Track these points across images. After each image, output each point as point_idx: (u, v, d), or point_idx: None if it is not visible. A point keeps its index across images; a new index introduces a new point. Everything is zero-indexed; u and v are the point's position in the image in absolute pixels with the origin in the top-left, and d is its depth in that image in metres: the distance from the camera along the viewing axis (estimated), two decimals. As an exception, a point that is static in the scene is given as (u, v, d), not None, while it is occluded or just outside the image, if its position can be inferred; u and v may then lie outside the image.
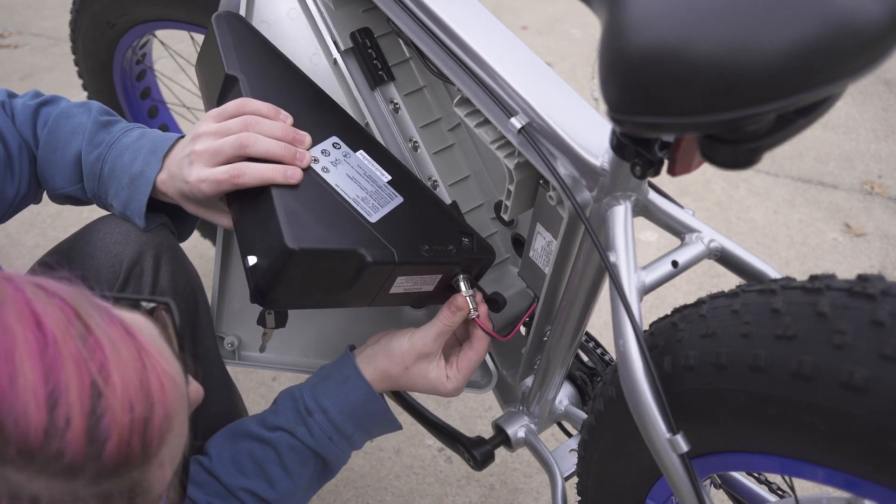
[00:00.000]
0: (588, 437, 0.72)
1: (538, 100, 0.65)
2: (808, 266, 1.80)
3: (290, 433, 0.76)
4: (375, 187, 0.74)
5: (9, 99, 0.82)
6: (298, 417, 0.76)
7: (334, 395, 0.77)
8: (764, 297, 0.53)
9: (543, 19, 3.05)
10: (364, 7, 0.86)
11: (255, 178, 0.68)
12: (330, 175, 0.72)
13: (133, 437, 0.36)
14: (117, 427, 0.35)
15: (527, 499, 1.31)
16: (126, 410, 0.36)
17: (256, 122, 0.71)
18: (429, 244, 0.74)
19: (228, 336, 0.89)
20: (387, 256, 0.69)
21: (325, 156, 0.74)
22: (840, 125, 2.35)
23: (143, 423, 0.37)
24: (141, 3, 1.23)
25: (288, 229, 0.64)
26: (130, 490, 0.37)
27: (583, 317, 0.74)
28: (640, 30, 0.44)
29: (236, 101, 0.72)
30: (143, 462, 0.37)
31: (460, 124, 0.90)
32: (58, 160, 0.79)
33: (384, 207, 0.73)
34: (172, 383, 0.40)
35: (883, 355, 0.45)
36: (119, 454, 0.35)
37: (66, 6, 1.56)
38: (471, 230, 0.79)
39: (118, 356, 0.37)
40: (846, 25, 0.40)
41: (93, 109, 0.81)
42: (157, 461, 0.38)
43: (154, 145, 0.77)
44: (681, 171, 0.54)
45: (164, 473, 0.39)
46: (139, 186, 0.76)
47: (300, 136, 0.72)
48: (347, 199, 0.71)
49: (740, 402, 0.53)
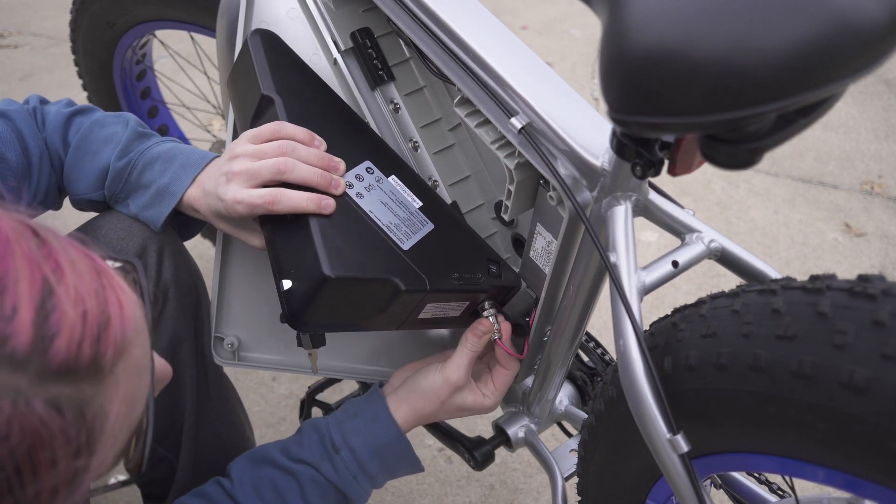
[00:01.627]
0: (588, 437, 0.72)
1: (538, 100, 0.65)
2: (808, 266, 1.80)
3: (315, 468, 0.76)
4: (407, 214, 0.75)
5: (41, 105, 0.82)
6: (324, 453, 0.76)
7: (362, 434, 0.77)
8: (764, 297, 0.53)
9: (543, 19, 3.04)
10: (364, 7, 0.86)
11: (290, 206, 0.69)
12: (364, 201, 0.73)
13: (84, 341, 0.35)
14: (68, 325, 0.35)
15: (527, 499, 1.31)
16: (78, 311, 0.35)
17: (293, 149, 0.71)
18: (458, 272, 0.75)
19: (228, 337, 0.89)
20: (419, 285, 0.70)
21: (359, 181, 0.74)
22: (840, 125, 2.35)
23: (97, 330, 0.36)
24: (141, 3, 1.22)
25: (325, 256, 0.65)
26: (82, 403, 0.36)
27: (583, 317, 0.74)
28: (640, 30, 0.44)
29: (272, 124, 0.73)
30: (95, 376, 0.36)
31: (460, 124, 0.90)
32: (86, 165, 0.79)
33: (416, 234, 0.74)
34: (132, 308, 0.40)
35: (883, 355, 0.45)
36: (68, 354, 0.35)
37: (66, 6, 1.56)
38: (498, 257, 0.80)
39: (73, 266, 0.37)
40: (847, 25, 0.40)
41: (130, 121, 0.81)
42: (112, 381, 0.37)
43: (187, 160, 0.77)
44: (681, 171, 0.54)
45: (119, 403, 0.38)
46: (164, 199, 0.77)
47: (335, 164, 0.73)
48: (381, 226, 0.72)
49: (741, 402, 0.53)
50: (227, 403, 0.95)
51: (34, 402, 0.33)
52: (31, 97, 0.82)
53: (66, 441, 0.35)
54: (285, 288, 0.66)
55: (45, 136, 0.80)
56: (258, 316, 0.89)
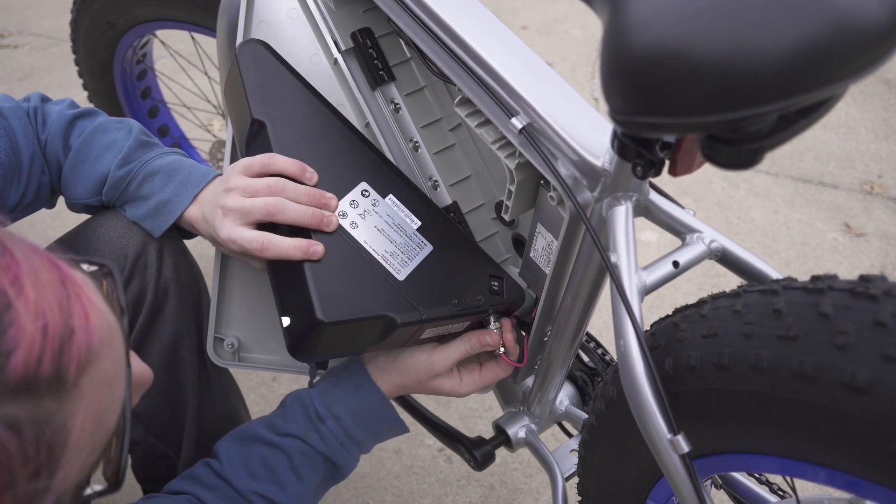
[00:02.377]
0: (589, 437, 0.72)
1: (539, 100, 0.65)
2: (809, 266, 1.80)
3: (302, 439, 0.76)
4: (405, 238, 0.75)
5: (42, 104, 0.81)
6: (310, 423, 0.76)
7: (346, 403, 0.77)
8: (766, 297, 0.53)
9: (543, 19, 3.04)
10: (365, 7, 0.86)
11: (278, 254, 0.70)
12: (359, 231, 0.73)
13: (45, 355, 0.34)
14: (26, 340, 0.33)
15: (527, 499, 1.31)
16: (38, 325, 0.34)
17: (283, 189, 0.72)
18: (457, 297, 0.75)
19: (228, 337, 0.88)
20: (415, 316, 0.71)
21: (354, 208, 0.74)
22: (840, 125, 2.34)
23: (59, 343, 0.35)
24: (141, 3, 1.22)
25: (318, 301, 0.67)
26: (42, 420, 0.34)
27: (583, 317, 0.74)
28: (641, 30, 0.44)
29: (264, 157, 0.74)
30: (57, 391, 0.35)
31: (461, 124, 0.90)
32: (86, 171, 0.79)
33: (413, 261, 0.74)
34: (100, 318, 0.38)
35: (885, 356, 0.45)
36: (27, 370, 0.33)
37: (66, 6, 1.56)
38: (501, 272, 0.80)
39: (35, 275, 0.35)
40: (848, 26, 0.40)
41: (133, 129, 0.81)
42: (76, 395, 0.36)
43: (188, 177, 0.78)
44: (682, 171, 0.54)
45: (84, 418, 0.37)
46: (163, 214, 0.78)
47: (326, 200, 0.73)
48: (376, 257, 0.72)
49: (742, 402, 0.53)
50: (228, 400, 0.95)
51: None
52: (33, 95, 0.82)
53: (24, 461, 0.34)
54: (285, 325, 0.69)
55: (45, 136, 0.80)
56: (258, 316, 0.89)
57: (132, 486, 1.30)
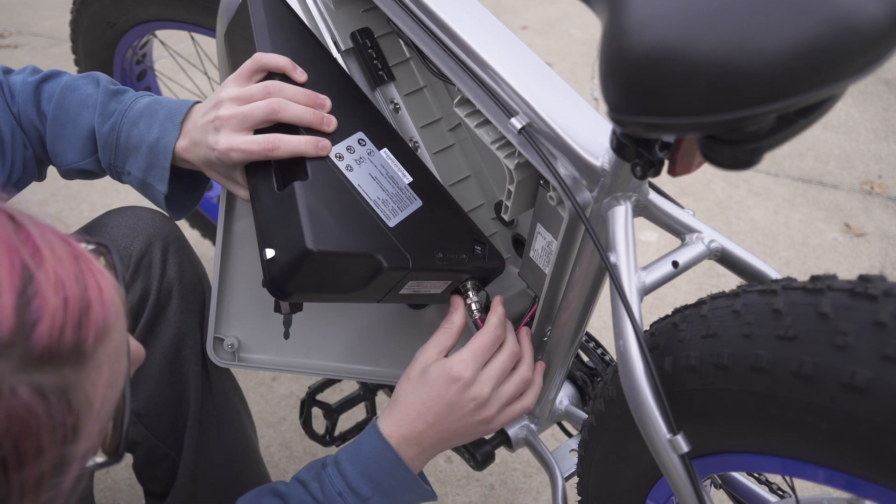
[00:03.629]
0: (588, 437, 0.72)
1: (538, 100, 0.65)
2: (808, 266, 1.80)
3: (304, 486, 0.71)
4: (396, 189, 0.75)
5: (4, 76, 0.79)
6: (315, 472, 0.72)
7: (348, 448, 0.72)
8: (765, 297, 0.53)
9: (543, 19, 3.04)
10: (364, 7, 0.86)
11: (290, 150, 0.68)
12: (353, 174, 0.73)
13: (66, 326, 0.35)
14: (49, 311, 0.34)
15: (527, 499, 1.31)
16: (60, 297, 0.35)
17: (280, 89, 0.71)
18: (443, 252, 0.74)
19: (228, 337, 0.88)
20: (402, 262, 0.70)
21: (350, 153, 0.74)
22: (840, 125, 2.34)
23: (78, 315, 0.36)
24: (141, 3, 1.22)
25: (309, 229, 0.65)
26: (65, 389, 0.35)
27: (583, 317, 0.74)
28: (640, 30, 0.44)
29: (250, 59, 0.72)
30: (77, 361, 0.36)
31: (461, 124, 0.90)
32: (69, 134, 0.77)
33: (403, 212, 0.74)
34: (112, 292, 0.39)
35: (885, 356, 0.45)
36: (50, 340, 0.34)
37: (66, 6, 1.56)
38: (484, 238, 0.80)
39: (52, 251, 0.36)
40: (847, 26, 0.40)
41: (101, 80, 0.79)
42: (94, 365, 0.37)
43: (170, 111, 0.75)
44: (681, 171, 0.54)
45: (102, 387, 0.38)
46: (158, 154, 0.75)
47: (321, 100, 0.73)
48: (368, 201, 0.72)
49: (741, 402, 0.53)
50: (229, 401, 0.94)
51: (19, 389, 0.33)
52: None
53: (53, 428, 0.35)
54: (268, 257, 0.66)
55: (16, 108, 0.78)
56: (258, 317, 0.89)
57: (134, 486, 1.31)
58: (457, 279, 0.77)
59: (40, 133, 0.79)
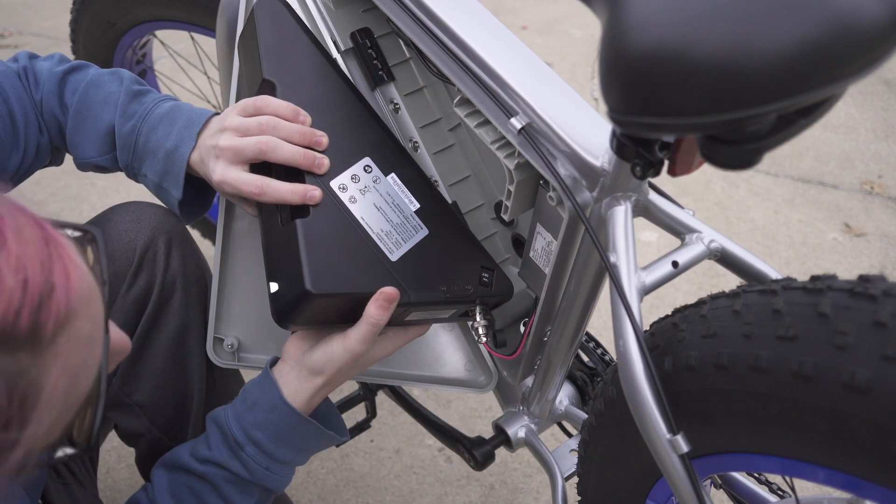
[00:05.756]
0: (588, 437, 0.72)
1: (538, 100, 0.65)
2: (808, 266, 1.80)
3: (225, 467, 0.73)
4: (402, 219, 0.75)
5: (30, 62, 0.80)
6: (230, 451, 0.74)
7: (264, 427, 0.73)
8: (765, 297, 0.53)
9: (543, 19, 3.04)
10: (364, 7, 0.86)
11: (275, 198, 0.70)
12: (357, 206, 0.73)
13: (23, 310, 0.34)
14: (5, 293, 0.34)
15: (527, 499, 1.31)
16: (19, 280, 0.34)
17: (274, 126, 0.71)
18: (447, 284, 0.74)
19: (228, 337, 0.88)
20: (403, 298, 0.70)
21: (355, 182, 0.74)
22: (840, 125, 2.34)
23: (38, 299, 0.35)
24: (142, 3, 1.22)
25: (308, 271, 0.66)
26: (16, 374, 0.35)
27: (583, 317, 0.74)
28: (640, 30, 0.44)
29: (258, 98, 0.73)
30: (33, 345, 0.35)
31: (460, 124, 0.90)
32: (89, 130, 0.78)
33: (407, 242, 0.74)
34: (81, 278, 0.39)
35: (885, 356, 0.45)
36: (4, 323, 0.34)
37: (66, 6, 1.56)
38: (493, 264, 0.79)
39: (19, 232, 0.36)
40: (847, 26, 0.40)
41: (125, 79, 0.80)
42: (52, 352, 0.36)
43: (188, 120, 0.77)
44: (681, 171, 0.54)
45: (58, 375, 0.37)
46: (174, 161, 0.76)
47: (317, 138, 0.73)
48: (371, 235, 0.72)
49: (741, 402, 0.53)
50: (233, 392, 0.95)
51: None
52: (21, 54, 0.80)
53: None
54: (272, 291, 0.68)
55: (39, 96, 0.79)
56: (258, 317, 0.89)
57: (133, 486, 1.31)
58: (462, 308, 0.78)
59: (60, 123, 0.80)
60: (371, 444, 1.39)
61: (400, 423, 1.42)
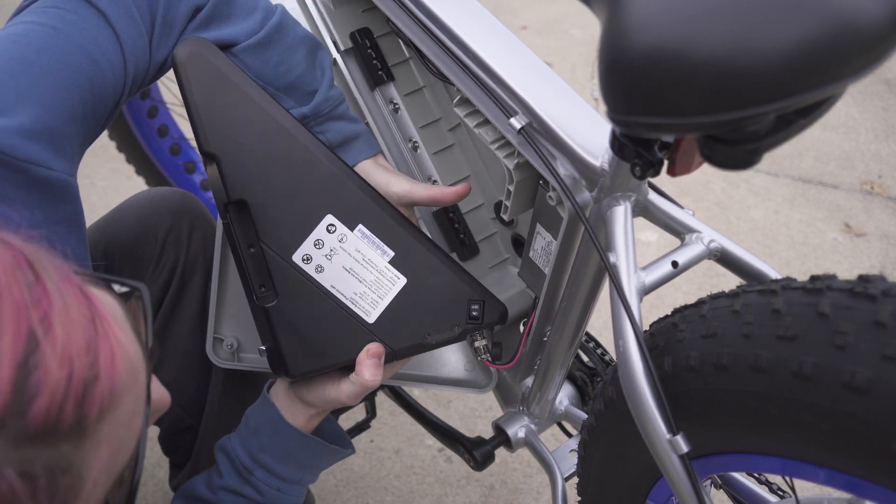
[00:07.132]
0: (588, 437, 0.72)
1: (538, 100, 0.65)
2: (808, 266, 1.80)
3: (238, 493, 0.75)
4: (375, 274, 0.71)
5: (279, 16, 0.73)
6: (240, 477, 0.75)
7: (269, 449, 0.75)
8: (765, 297, 0.53)
9: (543, 19, 3.04)
10: (363, 7, 0.86)
11: None
12: (324, 275, 0.71)
13: (67, 401, 0.32)
14: (50, 385, 0.32)
15: (527, 499, 1.31)
16: (64, 369, 0.32)
17: None
18: (432, 331, 0.73)
19: (228, 338, 0.88)
20: (387, 350, 0.72)
21: (319, 248, 0.70)
22: (840, 125, 2.34)
23: (82, 389, 0.33)
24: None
25: (286, 355, 0.71)
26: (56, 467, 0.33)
27: (583, 317, 0.73)
28: (640, 30, 0.44)
29: None
30: (76, 436, 0.33)
31: (460, 124, 0.90)
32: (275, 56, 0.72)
33: (384, 299, 0.72)
34: (126, 359, 0.37)
35: (884, 356, 0.45)
36: (48, 417, 0.32)
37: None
38: (482, 292, 0.73)
39: (66, 312, 0.34)
40: (847, 26, 0.40)
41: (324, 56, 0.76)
42: (93, 440, 0.35)
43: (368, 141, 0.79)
44: (681, 171, 0.54)
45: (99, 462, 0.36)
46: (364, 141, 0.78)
47: None
48: (345, 302, 0.71)
49: (741, 402, 0.53)
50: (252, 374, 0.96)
51: (5, 471, 0.31)
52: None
53: None
54: (264, 348, 0.73)
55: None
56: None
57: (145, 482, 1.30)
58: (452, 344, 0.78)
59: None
60: (371, 444, 1.39)
61: (400, 424, 1.42)
